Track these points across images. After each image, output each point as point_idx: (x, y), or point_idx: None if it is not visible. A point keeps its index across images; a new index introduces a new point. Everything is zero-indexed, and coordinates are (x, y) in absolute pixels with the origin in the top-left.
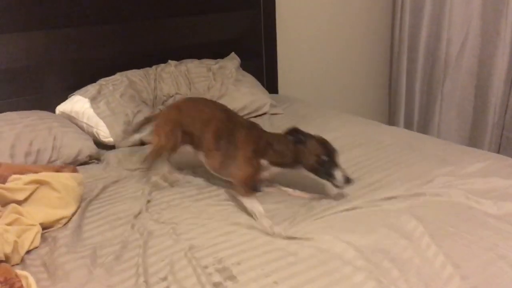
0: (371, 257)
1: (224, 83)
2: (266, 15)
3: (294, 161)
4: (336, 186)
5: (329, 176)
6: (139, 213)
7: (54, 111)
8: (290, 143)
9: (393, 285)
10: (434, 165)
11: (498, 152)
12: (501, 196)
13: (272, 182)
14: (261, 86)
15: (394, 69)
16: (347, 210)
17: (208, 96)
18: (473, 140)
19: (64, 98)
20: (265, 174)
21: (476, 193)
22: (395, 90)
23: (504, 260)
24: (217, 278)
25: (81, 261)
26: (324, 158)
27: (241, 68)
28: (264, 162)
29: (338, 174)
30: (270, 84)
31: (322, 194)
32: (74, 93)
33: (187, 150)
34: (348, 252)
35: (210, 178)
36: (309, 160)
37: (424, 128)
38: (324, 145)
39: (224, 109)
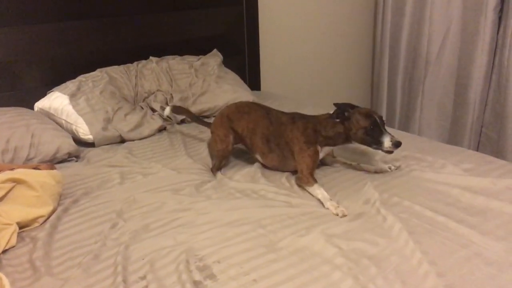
0: (350, 254)
1: (206, 80)
2: (248, 12)
3: (345, 139)
4: (387, 151)
5: (379, 144)
6: (120, 211)
7: (32, 108)
8: (337, 124)
9: (371, 282)
10: (413, 163)
11: (477, 148)
12: (478, 193)
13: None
14: (243, 83)
15: (376, 67)
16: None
17: (189, 93)
18: (453, 136)
19: (43, 94)
20: (319, 157)
21: (454, 191)
22: (377, 87)
23: (479, 257)
24: (197, 276)
25: (58, 261)
26: (370, 128)
27: (223, 65)
28: (318, 147)
29: (386, 140)
30: (253, 81)
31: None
32: (53, 90)
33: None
34: (327, 250)
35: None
36: (357, 134)
37: (405, 124)
38: (368, 115)
39: (265, 113)
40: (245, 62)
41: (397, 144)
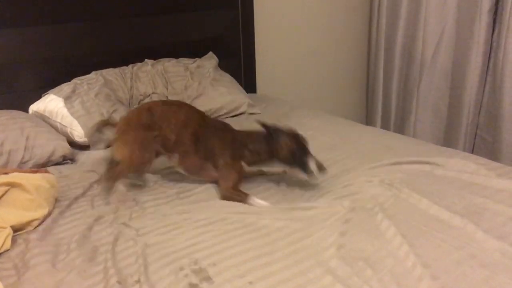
0: (345, 256)
1: (202, 82)
2: (244, 15)
3: (269, 157)
4: (310, 175)
5: (303, 166)
6: (114, 214)
7: (27, 111)
8: (263, 141)
9: (366, 284)
10: (408, 165)
11: (472, 150)
12: (473, 194)
13: None
14: (239, 86)
15: (371, 70)
16: (321, 211)
17: (185, 95)
18: (448, 139)
19: (37, 97)
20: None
21: (449, 192)
22: (372, 90)
23: (474, 259)
24: (193, 279)
25: (52, 264)
26: (296, 149)
27: (219, 68)
28: (243, 164)
29: (311, 163)
30: (248, 83)
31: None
32: (48, 92)
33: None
34: (323, 252)
35: (182, 179)
36: (283, 154)
37: (400, 127)
38: (295, 137)
39: (197, 111)
40: (240, 65)
41: (322, 169)
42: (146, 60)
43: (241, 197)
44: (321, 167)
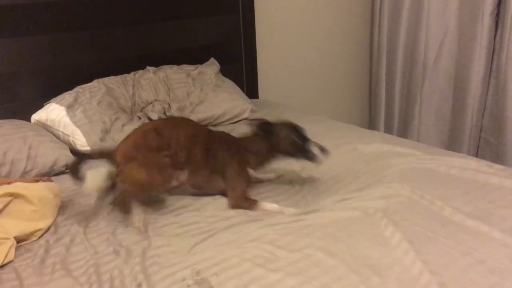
0: (351, 264)
1: (204, 89)
2: (245, 20)
3: (272, 154)
4: (315, 161)
5: (306, 153)
6: (117, 224)
7: (29, 120)
8: (262, 141)
9: None
10: (413, 169)
11: (477, 153)
12: (479, 199)
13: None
14: (241, 92)
15: (374, 73)
16: (325, 218)
17: (187, 102)
18: (452, 142)
19: (39, 106)
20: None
21: (455, 196)
22: (375, 94)
23: (482, 265)
24: None
25: (56, 275)
26: (296, 138)
27: (220, 74)
28: (250, 170)
29: (313, 148)
30: (250, 89)
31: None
32: (50, 101)
33: None
34: (328, 260)
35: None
36: (284, 146)
37: (403, 131)
38: (291, 127)
39: (201, 125)
40: (242, 71)
41: (324, 152)
42: (147, 67)
43: (250, 205)
44: (323, 150)
